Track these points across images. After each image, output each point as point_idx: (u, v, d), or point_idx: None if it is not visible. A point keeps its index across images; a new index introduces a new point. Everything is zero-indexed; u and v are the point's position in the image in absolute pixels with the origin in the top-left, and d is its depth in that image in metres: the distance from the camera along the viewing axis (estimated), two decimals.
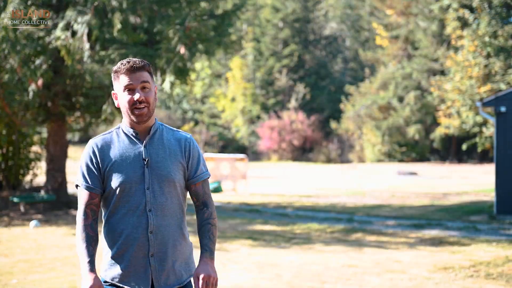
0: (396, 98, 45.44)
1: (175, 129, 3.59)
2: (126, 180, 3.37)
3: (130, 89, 3.38)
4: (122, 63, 3.39)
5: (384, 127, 44.83)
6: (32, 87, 14.17)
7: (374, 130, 45.57)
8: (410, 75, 44.96)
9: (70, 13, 14.18)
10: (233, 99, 54.02)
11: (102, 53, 14.97)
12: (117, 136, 3.48)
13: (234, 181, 22.84)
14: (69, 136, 20.14)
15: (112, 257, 3.42)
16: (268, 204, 18.75)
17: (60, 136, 16.84)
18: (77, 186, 3.47)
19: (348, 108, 48.25)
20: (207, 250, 3.50)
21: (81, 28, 13.93)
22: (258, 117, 53.67)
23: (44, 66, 14.51)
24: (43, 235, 12.64)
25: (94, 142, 3.46)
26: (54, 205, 16.40)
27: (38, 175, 19.97)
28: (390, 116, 45.14)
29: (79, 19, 14.00)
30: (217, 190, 22.32)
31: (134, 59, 3.41)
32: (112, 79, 3.46)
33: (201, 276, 3.39)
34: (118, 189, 3.37)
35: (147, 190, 3.38)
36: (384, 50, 49.29)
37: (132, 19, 15.41)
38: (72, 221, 14.37)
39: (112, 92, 3.49)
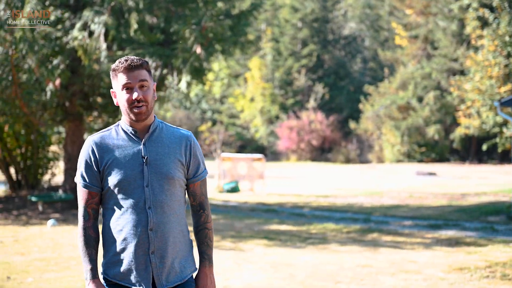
0: (415, 98, 45.18)
1: (175, 126, 3.60)
2: (125, 177, 3.38)
3: (128, 87, 3.38)
4: (120, 62, 3.39)
5: (403, 127, 44.58)
6: (50, 87, 14.27)
7: (393, 130, 45.33)
8: (430, 75, 44.69)
9: (87, 13, 14.25)
10: (252, 99, 54.02)
11: (119, 53, 15.04)
12: (116, 133, 3.49)
13: (252, 181, 22.84)
14: (87, 135, 20.23)
15: (113, 255, 3.44)
16: (285, 204, 18.74)
17: (78, 136, 16.94)
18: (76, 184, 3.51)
19: (367, 108, 48.07)
20: (206, 259, 3.58)
21: (98, 28, 13.99)
22: (277, 117, 53.60)
23: (62, 66, 14.60)
24: (60, 234, 12.72)
25: (93, 140, 3.46)
26: (72, 204, 16.48)
27: (56, 174, 20.12)
28: (409, 116, 44.89)
29: (96, 19, 14.06)
30: (235, 190, 22.34)
31: (132, 57, 3.42)
32: (111, 77, 3.46)
33: None
34: (117, 187, 3.38)
35: (146, 188, 3.39)
36: (403, 50, 49.03)
37: (149, 19, 15.45)
38: None
39: (111, 90, 3.50)
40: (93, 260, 3.41)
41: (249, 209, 17.38)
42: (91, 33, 14.38)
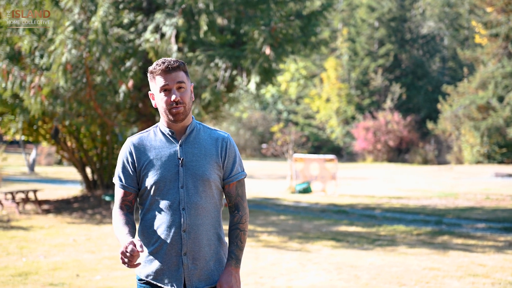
0: (495, 98, 44.00)
1: (213, 128, 3.62)
2: (161, 178, 3.42)
3: (166, 89, 3.43)
4: (157, 64, 3.43)
5: (483, 127, 43.49)
6: (123, 88, 14.55)
7: (472, 130, 44.30)
8: (511, 74, 43.51)
9: (159, 16, 14.49)
10: (327, 100, 53.82)
11: (190, 54, 15.21)
12: (154, 135, 3.54)
13: (324, 182, 22.73)
14: None
15: (147, 254, 3.48)
16: (357, 205, 18.56)
17: None
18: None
19: (446, 108, 47.13)
20: (233, 258, 3.53)
21: (169, 30, 14.20)
22: (353, 118, 53.24)
23: (134, 68, 14.87)
24: None
25: (131, 141, 3.53)
26: None
27: None
28: (489, 116, 43.77)
29: (168, 22, 14.27)
30: (307, 190, 22.29)
31: (170, 59, 3.45)
32: (149, 79, 3.51)
33: (223, 287, 3.46)
34: (153, 187, 3.43)
35: (181, 189, 3.41)
36: (483, 48, 47.88)
37: (219, 20, 15.57)
38: None
39: (149, 92, 3.55)
40: (130, 231, 3.36)
41: (320, 210, 17.30)
42: (162, 35, 14.61)
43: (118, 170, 3.54)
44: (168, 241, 3.41)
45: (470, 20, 52.94)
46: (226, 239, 3.65)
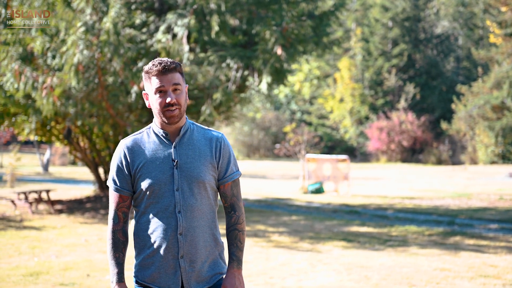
0: (510, 98, 43.74)
1: (206, 128, 3.58)
2: (155, 181, 3.39)
3: (161, 91, 3.39)
4: (153, 64, 3.39)
5: (498, 127, 43.25)
6: (134, 89, 14.59)
7: (487, 130, 44.07)
8: None
9: (170, 16, 14.52)
10: (341, 100, 53.70)
11: (202, 55, 15.22)
12: (148, 136, 3.50)
13: (336, 182, 22.69)
14: None
15: (144, 258, 3.48)
16: (369, 205, 18.52)
17: None
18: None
19: (460, 108, 46.92)
20: (234, 260, 3.54)
21: (180, 30, 14.22)
22: (367, 118, 53.10)
23: None
24: None
25: (125, 143, 3.49)
26: None
27: None
28: (504, 116, 43.52)
29: (179, 22, 14.29)
30: (319, 191, 22.25)
31: (166, 59, 3.41)
32: (143, 79, 3.47)
33: None
34: (148, 190, 3.41)
35: (176, 192, 3.39)
36: (498, 48, 47.62)
37: (231, 20, 15.58)
38: None
39: (143, 92, 3.52)
40: (119, 264, 3.46)
41: (332, 211, 17.27)
42: (174, 36, 14.63)
43: (112, 173, 3.50)
44: (165, 244, 3.40)
45: (485, 19, 52.68)
46: (222, 239, 3.65)
